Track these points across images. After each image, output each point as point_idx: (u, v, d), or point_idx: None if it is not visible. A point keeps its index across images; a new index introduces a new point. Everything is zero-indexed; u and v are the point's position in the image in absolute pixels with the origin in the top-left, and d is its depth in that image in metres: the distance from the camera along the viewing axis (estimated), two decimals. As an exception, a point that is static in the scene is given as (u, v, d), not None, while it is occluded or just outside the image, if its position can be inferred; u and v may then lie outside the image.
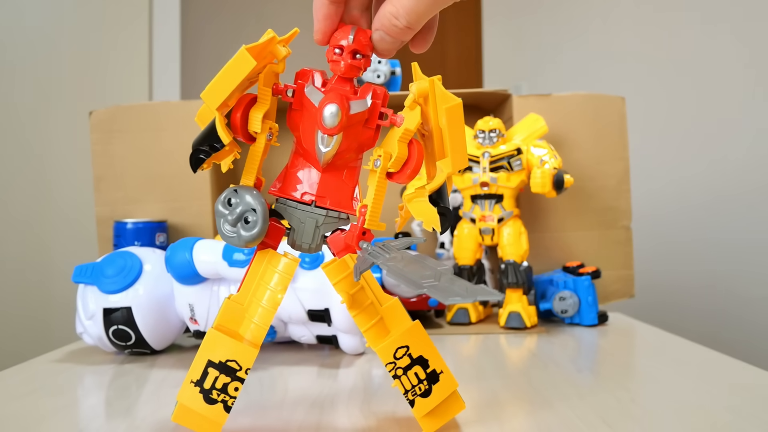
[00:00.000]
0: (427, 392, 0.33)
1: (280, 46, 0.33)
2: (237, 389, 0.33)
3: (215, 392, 0.33)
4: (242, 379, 0.33)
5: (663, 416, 0.38)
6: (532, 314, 0.67)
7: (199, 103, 0.85)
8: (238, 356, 0.33)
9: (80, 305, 0.53)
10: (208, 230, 0.80)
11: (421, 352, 0.34)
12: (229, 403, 0.33)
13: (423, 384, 0.33)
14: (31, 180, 1.57)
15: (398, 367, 0.33)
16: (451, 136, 0.31)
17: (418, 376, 0.33)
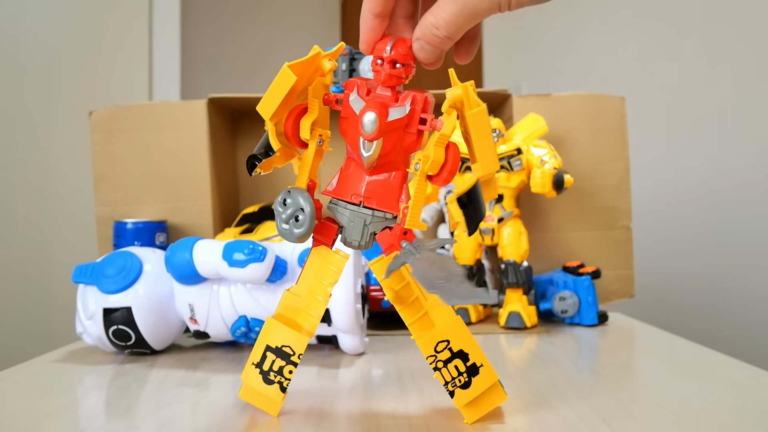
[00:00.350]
0: (466, 384, 0.35)
1: (325, 60, 0.35)
2: (291, 372, 0.37)
3: (272, 374, 0.38)
4: (296, 363, 0.37)
5: (663, 416, 0.38)
6: (532, 314, 0.67)
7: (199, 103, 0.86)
8: (292, 342, 0.37)
9: (80, 305, 0.54)
10: (208, 230, 0.80)
11: (462, 346, 0.35)
12: (285, 384, 0.37)
13: (463, 376, 0.35)
14: (31, 180, 1.57)
15: (439, 360, 0.35)
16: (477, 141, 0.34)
17: (458, 369, 0.35)
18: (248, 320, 0.53)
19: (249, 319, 0.53)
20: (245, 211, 0.79)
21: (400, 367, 0.50)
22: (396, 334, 0.64)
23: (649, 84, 1.41)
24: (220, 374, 0.49)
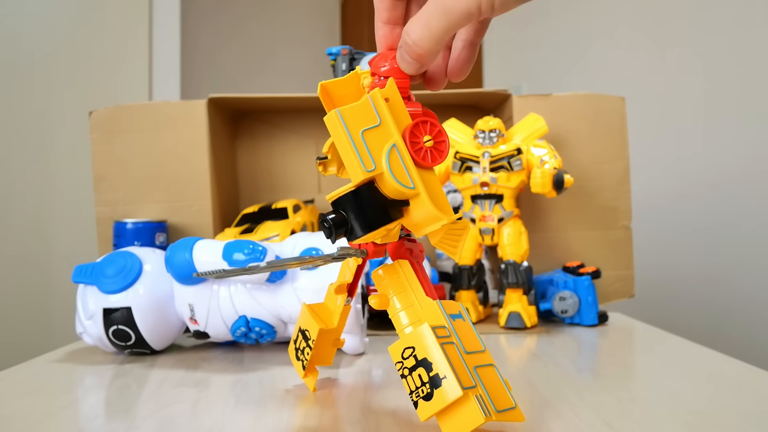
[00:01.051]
0: (428, 395, 0.32)
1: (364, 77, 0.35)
2: (307, 354, 0.42)
3: (299, 352, 0.43)
4: (311, 347, 0.41)
5: (663, 416, 0.38)
6: (532, 314, 0.67)
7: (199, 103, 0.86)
8: (309, 327, 0.41)
9: (80, 305, 0.54)
10: (208, 230, 0.80)
11: (426, 355, 0.32)
12: (304, 364, 0.42)
13: (425, 387, 0.32)
14: (31, 180, 1.57)
15: (405, 366, 0.33)
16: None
17: (421, 378, 0.32)
18: (248, 320, 0.53)
19: (249, 319, 0.53)
20: (245, 211, 0.79)
21: (400, 367, 0.50)
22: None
23: (649, 84, 1.41)
24: (220, 374, 0.49)
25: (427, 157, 0.31)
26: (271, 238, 0.70)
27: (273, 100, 0.85)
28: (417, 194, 0.31)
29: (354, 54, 0.80)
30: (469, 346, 0.34)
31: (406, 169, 0.31)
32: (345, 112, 0.30)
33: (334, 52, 0.81)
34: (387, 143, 0.31)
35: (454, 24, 0.30)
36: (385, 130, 0.31)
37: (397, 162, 0.30)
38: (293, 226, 0.74)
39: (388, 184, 0.31)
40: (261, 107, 0.92)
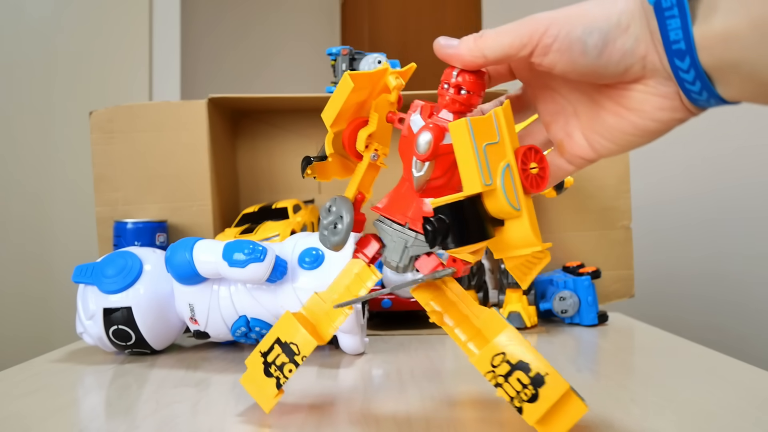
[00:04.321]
0: (534, 397, 0.31)
1: (391, 77, 0.35)
2: (291, 371, 0.37)
3: (273, 367, 0.37)
4: (297, 364, 0.37)
5: (663, 416, 0.38)
6: (532, 314, 0.67)
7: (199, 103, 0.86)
8: (300, 342, 0.37)
9: (80, 305, 0.54)
10: (208, 230, 0.80)
11: (520, 357, 0.32)
12: (282, 381, 0.37)
13: (528, 389, 0.32)
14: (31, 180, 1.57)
15: (498, 375, 0.32)
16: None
17: (521, 381, 0.32)
18: (248, 320, 0.53)
19: (249, 319, 0.53)
20: (245, 211, 0.79)
21: (400, 367, 0.50)
22: (396, 334, 0.64)
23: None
24: (220, 374, 0.49)
25: (532, 182, 0.31)
26: (272, 238, 0.70)
27: (273, 100, 0.85)
28: (519, 216, 0.30)
29: (354, 54, 0.80)
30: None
31: (515, 190, 0.30)
32: (474, 123, 0.30)
33: (334, 52, 0.81)
34: (502, 162, 0.30)
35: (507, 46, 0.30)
36: (502, 148, 0.31)
37: (509, 182, 0.30)
38: (293, 226, 0.74)
39: (497, 201, 0.30)
40: (261, 107, 0.92)
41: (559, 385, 0.31)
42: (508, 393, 0.32)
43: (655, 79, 0.29)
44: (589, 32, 0.28)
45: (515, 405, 0.32)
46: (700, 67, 0.27)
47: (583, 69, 0.29)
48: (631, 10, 0.28)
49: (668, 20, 0.27)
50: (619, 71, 0.29)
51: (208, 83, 2.07)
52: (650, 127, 0.30)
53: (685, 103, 0.29)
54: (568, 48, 0.29)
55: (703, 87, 0.27)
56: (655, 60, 0.28)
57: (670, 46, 0.27)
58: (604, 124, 0.32)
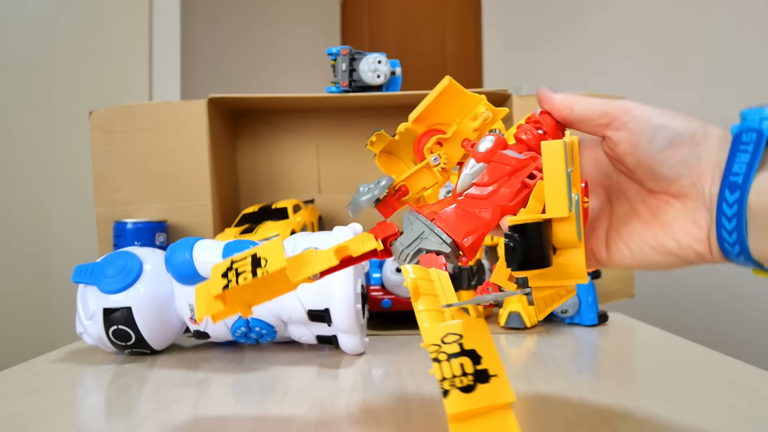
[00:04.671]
0: (469, 387, 0.27)
1: (483, 106, 0.36)
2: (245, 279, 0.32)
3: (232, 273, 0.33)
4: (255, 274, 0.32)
5: (663, 416, 0.38)
6: (532, 314, 0.67)
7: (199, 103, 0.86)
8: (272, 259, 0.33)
9: (80, 305, 0.54)
10: (208, 230, 0.80)
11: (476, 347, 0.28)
12: (230, 285, 0.33)
13: (467, 378, 0.27)
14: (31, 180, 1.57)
15: (442, 351, 0.28)
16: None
17: (463, 368, 0.27)
18: (248, 320, 0.53)
19: (249, 319, 0.53)
20: (245, 211, 0.79)
21: (400, 367, 0.50)
22: (396, 334, 0.64)
23: (649, 84, 1.41)
24: (220, 374, 0.49)
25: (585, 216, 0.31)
26: (271, 238, 0.70)
27: (273, 100, 0.85)
28: (578, 248, 0.30)
29: (354, 54, 0.80)
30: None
31: (578, 221, 0.30)
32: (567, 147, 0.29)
33: (334, 52, 0.81)
34: (575, 190, 0.30)
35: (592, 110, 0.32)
36: (575, 178, 0.31)
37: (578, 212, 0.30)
38: (293, 226, 0.74)
39: (568, 230, 0.29)
40: (261, 107, 0.92)
41: (502, 391, 0.27)
42: (442, 371, 0.27)
43: (695, 202, 0.30)
44: (664, 127, 0.30)
45: (443, 387, 0.27)
46: (744, 204, 0.27)
47: (641, 157, 0.30)
48: (710, 132, 0.30)
49: (739, 153, 0.28)
50: (671, 176, 0.30)
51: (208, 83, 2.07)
52: (669, 245, 0.31)
53: (711, 239, 0.29)
54: (639, 131, 0.30)
55: (738, 225, 0.28)
56: (705, 184, 0.29)
57: (728, 176, 0.28)
58: (630, 228, 0.32)
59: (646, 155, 0.30)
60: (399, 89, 0.82)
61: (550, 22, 1.80)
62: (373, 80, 0.80)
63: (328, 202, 0.93)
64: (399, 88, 0.82)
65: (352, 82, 0.80)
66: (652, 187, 0.31)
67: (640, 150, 0.30)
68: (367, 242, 0.35)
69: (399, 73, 0.81)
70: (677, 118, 0.30)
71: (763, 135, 0.27)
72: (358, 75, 0.80)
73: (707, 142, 0.29)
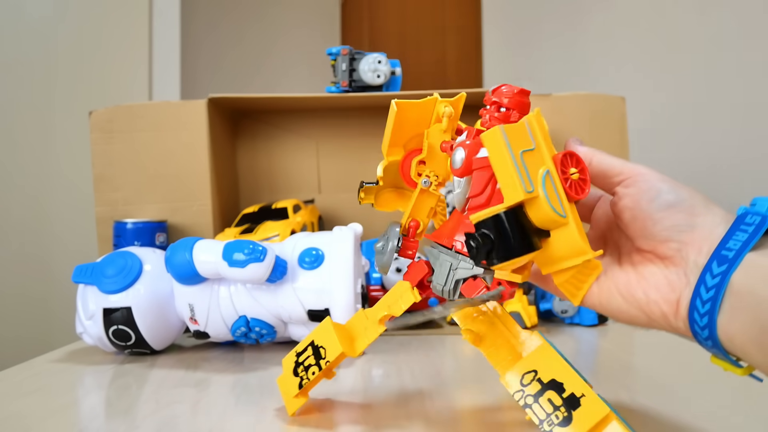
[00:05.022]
0: (567, 419, 0.28)
1: (441, 105, 0.36)
2: (314, 374, 0.37)
3: (301, 368, 0.38)
4: (321, 368, 0.37)
5: (663, 416, 0.38)
6: (532, 314, 0.67)
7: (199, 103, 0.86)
8: (329, 347, 0.37)
9: (80, 305, 0.54)
10: (208, 230, 0.80)
11: (553, 376, 0.29)
12: (303, 383, 0.37)
13: (560, 411, 0.28)
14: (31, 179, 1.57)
15: (527, 395, 0.29)
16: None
17: (552, 403, 0.28)
18: (248, 320, 0.53)
19: (249, 319, 0.53)
20: (245, 211, 0.79)
21: (400, 367, 0.50)
22: (396, 334, 0.64)
23: (649, 84, 1.41)
24: (220, 374, 0.49)
25: (575, 188, 0.31)
26: (271, 238, 0.70)
27: (273, 100, 0.85)
28: (566, 224, 0.29)
29: (354, 54, 0.80)
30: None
31: (558, 197, 0.29)
32: (508, 130, 0.29)
33: (334, 52, 0.81)
34: (542, 168, 0.29)
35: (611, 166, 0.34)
36: (540, 155, 0.30)
37: (551, 188, 0.29)
38: (293, 226, 0.74)
39: (541, 209, 0.29)
40: (261, 107, 0.92)
41: (597, 408, 0.28)
42: (537, 415, 0.29)
43: (677, 267, 0.30)
44: (669, 191, 0.31)
45: (545, 429, 0.28)
46: (727, 279, 0.27)
47: (638, 213, 0.31)
48: (712, 209, 0.31)
49: (738, 231, 0.29)
50: (661, 237, 0.30)
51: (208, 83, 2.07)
52: (637, 295, 0.31)
53: (680, 304, 0.29)
54: (645, 190, 0.31)
55: (714, 297, 0.28)
56: (691, 253, 0.29)
57: (721, 250, 0.28)
58: (607, 270, 0.33)
59: (644, 212, 0.31)
60: (399, 89, 0.82)
61: (550, 22, 1.80)
62: (373, 80, 0.80)
63: (328, 202, 0.93)
64: (399, 88, 0.82)
65: (352, 82, 0.80)
66: (642, 245, 0.32)
67: (639, 206, 0.31)
68: (406, 296, 0.36)
69: (399, 73, 0.81)
70: (683, 189, 0.31)
71: (767, 221, 0.28)
72: (358, 75, 0.80)
73: (706, 216, 0.30)
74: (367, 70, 0.80)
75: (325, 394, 0.43)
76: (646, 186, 0.31)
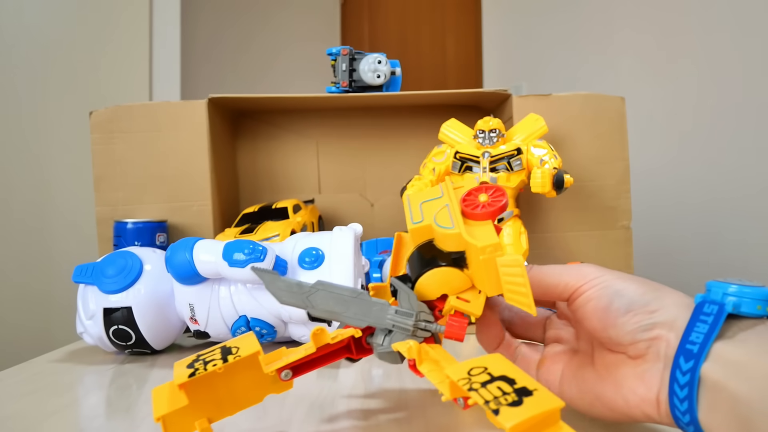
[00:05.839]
0: (516, 402, 0.26)
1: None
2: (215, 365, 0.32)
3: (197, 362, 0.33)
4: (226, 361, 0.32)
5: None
6: (532, 314, 0.67)
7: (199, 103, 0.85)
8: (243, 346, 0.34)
9: (80, 305, 0.54)
10: (209, 230, 0.80)
11: (505, 373, 0.28)
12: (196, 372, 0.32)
13: (511, 395, 0.27)
14: (31, 180, 1.57)
15: (474, 381, 0.28)
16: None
17: (501, 389, 0.27)
18: (248, 320, 0.53)
19: (249, 319, 0.53)
20: (245, 211, 0.79)
21: (400, 367, 0.50)
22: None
23: (649, 84, 1.41)
24: (220, 374, 0.49)
25: (479, 208, 0.34)
26: (272, 238, 0.70)
27: (273, 100, 0.85)
28: (457, 234, 0.32)
29: (354, 54, 0.80)
30: None
31: (450, 217, 0.34)
32: (412, 196, 0.37)
33: (334, 52, 0.81)
34: (440, 205, 0.35)
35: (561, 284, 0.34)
36: (443, 200, 0.36)
37: (444, 214, 0.34)
38: (293, 226, 0.74)
39: (435, 231, 0.34)
40: (261, 107, 0.92)
41: (549, 399, 0.26)
42: (483, 396, 0.27)
43: (650, 363, 0.30)
44: (621, 294, 0.31)
45: (491, 408, 0.26)
46: (697, 374, 0.27)
47: (598, 323, 0.31)
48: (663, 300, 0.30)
49: (699, 323, 0.29)
50: (627, 341, 0.30)
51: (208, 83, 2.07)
52: (618, 404, 0.31)
53: (661, 401, 0.29)
54: (597, 298, 0.31)
55: (689, 395, 0.28)
56: (661, 347, 0.29)
57: (685, 344, 0.28)
58: (585, 375, 0.33)
59: (602, 321, 0.31)
60: (399, 89, 0.82)
61: (550, 22, 1.80)
62: (373, 80, 0.80)
63: (328, 202, 0.94)
64: (399, 88, 0.82)
65: (352, 82, 0.80)
66: (612, 348, 0.32)
67: (596, 316, 0.31)
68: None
69: (399, 73, 0.81)
70: (633, 285, 0.31)
71: (724, 310, 0.28)
72: (358, 75, 0.80)
73: (663, 310, 0.30)
74: (367, 71, 0.80)
75: (326, 394, 0.43)
76: (597, 293, 0.31)
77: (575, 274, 0.32)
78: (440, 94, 0.82)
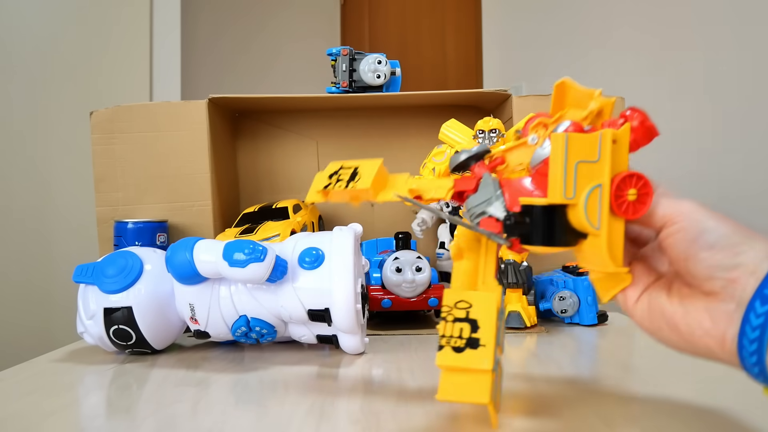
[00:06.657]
0: (459, 349, 0.33)
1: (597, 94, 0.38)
2: (340, 186, 0.39)
3: (335, 177, 0.40)
4: (347, 186, 0.38)
5: (663, 417, 0.38)
6: (532, 314, 0.67)
7: (199, 103, 0.85)
8: (364, 176, 0.38)
9: (81, 305, 0.54)
10: (209, 230, 0.80)
11: (478, 318, 0.33)
12: (329, 186, 0.40)
13: (461, 341, 0.33)
14: (31, 180, 1.57)
15: (451, 313, 0.34)
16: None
17: (461, 332, 0.33)
18: (249, 320, 0.53)
19: (249, 319, 0.53)
20: (245, 211, 0.79)
21: (400, 367, 0.50)
22: (396, 333, 0.64)
23: (649, 84, 1.41)
24: (220, 374, 0.49)
25: (626, 208, 0.32)
26: (272, 237, 0.70)
27: (273, 100, 0.85)
28: (597, 236, 0.32)
29: (354, 54, 0.81)
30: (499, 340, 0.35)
31: (599, 211, 0.32)
32: (572, 139, 0.32)
33: (335, 52, 0.81)
34: (594, 181, 0.32)
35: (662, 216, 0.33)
36: (600, 169, 0.32)
37: (594, 201, 0.32)
38: (294, 226, 0.74)
39: (577, 216, 0.32)
40: (261, 107, 0.92)
41: (486, 359, 0.32)
42: (445, 330, 0.33)
43: (724, 303, 0.30)
44: (710, 230, 0.31)
45: (441, 343, 0.33)
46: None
47: (682, 253, 0.32)
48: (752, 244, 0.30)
49: None
50: (704, 276, 0.31)
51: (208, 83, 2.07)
52: (682, 329, 0.32)
53: (726, 339, 0.30)
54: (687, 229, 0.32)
55: (761, 337, 0.28)
56: (737, 289, 0.30)
57: (763, 288, 0.29)
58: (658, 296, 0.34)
59: (686, 252, 0.31)
60: (399, 89, 0.82)
61: (550, 22, 1.80)
62: (373, 80, 0.80)
63: (328, 202, 0.94)
64: (399, 88, 0.82)
65: (352, 82, 0.80)
66: (689, 281, 0.32)
67: (682, 247, 0.32)
68: (441, 188, 0.38)
69: (399, 73, 0.81)
70: (724, 224, 0.31)
71: None
72: (359, 75, 0.80)
73: (748, 252, 0.30)
74: (367, 71, 0.80)
75: (326, 394, 0.43)
76: (687, 225, 0.32)
77: (674, 205, 0.33)
78: (440, 95, 0.82)
